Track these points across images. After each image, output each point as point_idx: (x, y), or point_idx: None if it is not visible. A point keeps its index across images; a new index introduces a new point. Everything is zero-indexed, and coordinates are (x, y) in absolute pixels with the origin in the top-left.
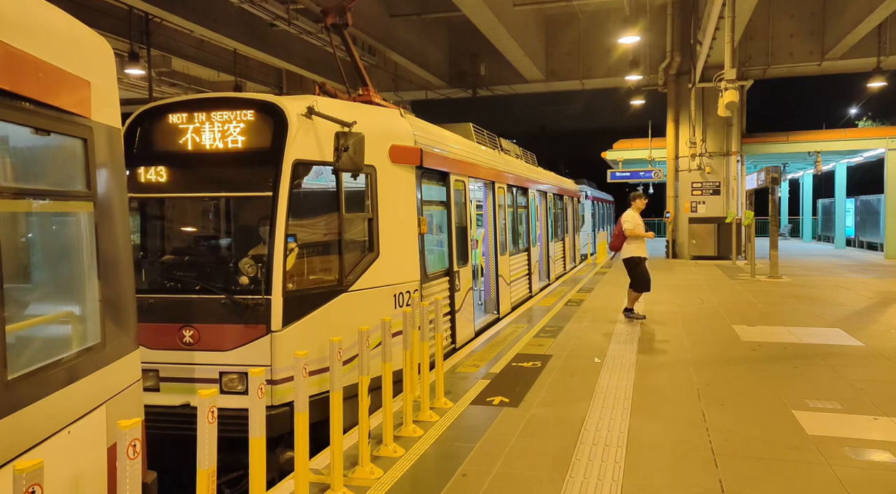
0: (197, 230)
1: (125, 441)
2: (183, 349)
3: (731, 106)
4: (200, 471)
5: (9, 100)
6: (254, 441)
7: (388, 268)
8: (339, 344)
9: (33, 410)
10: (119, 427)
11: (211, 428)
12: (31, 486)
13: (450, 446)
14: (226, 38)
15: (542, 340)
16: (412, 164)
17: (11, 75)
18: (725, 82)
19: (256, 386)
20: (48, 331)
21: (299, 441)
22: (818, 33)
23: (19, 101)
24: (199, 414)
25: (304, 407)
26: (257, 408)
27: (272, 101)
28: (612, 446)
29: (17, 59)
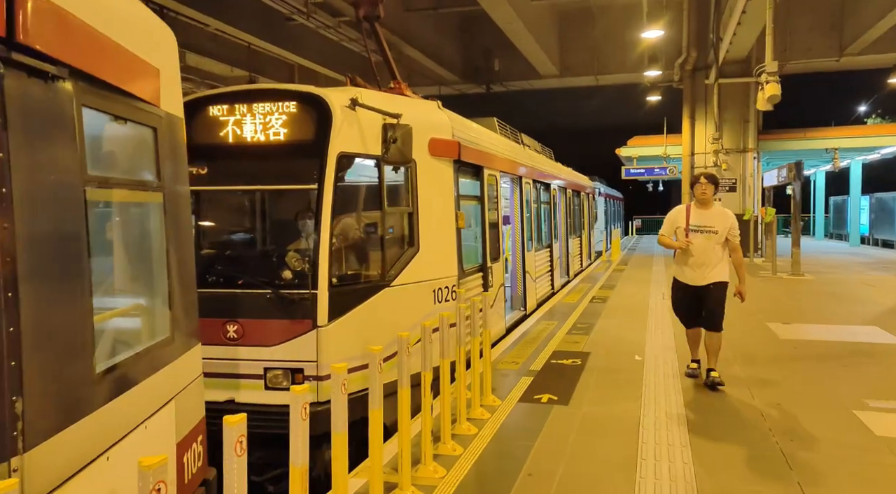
0: (239, 224)
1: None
2: (227, 344)
3: (772, 99)
4: (293, 469)
5: (92, 86)
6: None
7: (427, 263)
8: (406, 339)
9: (117, 404)
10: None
11: (304, 426)
12: (158, 483)
13: (508, 445)
14: (241, 33)
15: (577, 337)
16: (450, 158)
17: (95, 60)
18: (767, 75)
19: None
20: (125, 324)
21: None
22: (837, 28)
23: (102, 88)
24: (293, 412)
25: (378, 404)
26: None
27: (316, 93)
28: (675, 446)
29: (99, 43)
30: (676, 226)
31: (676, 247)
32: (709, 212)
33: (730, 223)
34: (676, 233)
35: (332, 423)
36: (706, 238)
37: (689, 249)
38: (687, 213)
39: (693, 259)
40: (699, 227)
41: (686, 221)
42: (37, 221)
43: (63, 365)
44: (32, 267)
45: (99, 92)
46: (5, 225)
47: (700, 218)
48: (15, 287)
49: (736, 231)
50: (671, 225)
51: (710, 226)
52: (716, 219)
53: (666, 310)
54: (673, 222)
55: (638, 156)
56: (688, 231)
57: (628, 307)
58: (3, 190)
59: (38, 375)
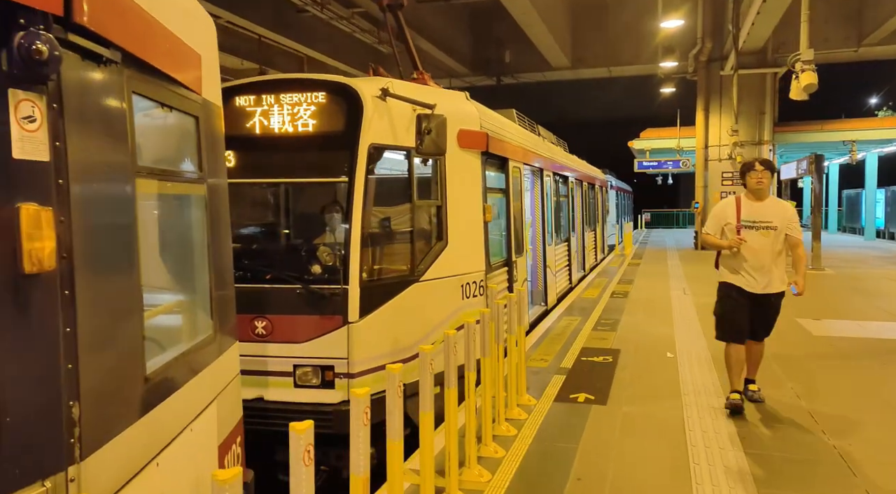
0: (267, 218)
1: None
2: (256, 340)
3: (808, 88)
4: (355, 478)
5: (142, 71)
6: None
7: (456, 258)
8: (453, 337)
9: (166, 406)
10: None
11: (365, 432)
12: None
13: (550, 446)
14: (253, 25)
15: (604, 334)
16: (479, 150)
17: (146, 43)
18: (802, 63)
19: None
20: (170, 322)
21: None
22: (854, 18)
23: (151, 73)
24: (353, 417)
25: (429, 406)
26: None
27: (346, 82)
28: (727, 449)
29: (150, 26)
30: (724, 222)
31: (726, 246)
32: (764, 204)
33: (789, 216)
34: (725, 230)
35: (387, 431)
36: (763, 235)
37: (742, 250)
38: (737, 207)
39: (749, 261)
40: (754, 223)
41: (737, 216)
42: (92, 215)
43: (117, 367)
44: (88, 263)
45: (147, 77)
46: (62, 219)
47: (754, 211)
48: (72, 284)
49: (796, 224)
50: (718, 221)
51: (768, 221)
52: (773, 212)
53: (690, 305)
54: (720, 218)
55: (651, 148)
56: (739, 227)
57: (650, 302)
58: (59, 181)
59: (94, 378)
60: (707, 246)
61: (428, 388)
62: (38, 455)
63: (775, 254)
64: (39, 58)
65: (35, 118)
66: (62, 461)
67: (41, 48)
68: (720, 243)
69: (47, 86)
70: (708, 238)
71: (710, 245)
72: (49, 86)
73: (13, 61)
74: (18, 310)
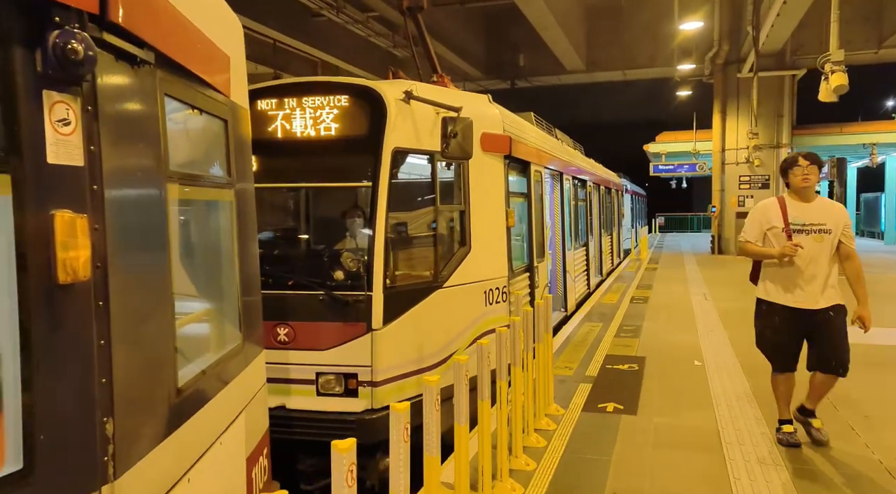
0: (289, 223)
1: None
2: (277, 348)
3: (839, 89)
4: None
5: (173, 73)
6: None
7: (479, 263)
8: (487, 347)
9: (197, 420)
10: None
11: (405, 449)
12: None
13: (582, 458)
14: (268, 29)
15: (627, 341)
16: (501, 153)
17: (178, 44)
18: (832, 64)
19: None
20: (200, 332)
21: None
22: (875, 20)
23: (182, 75)
24: (393, 431)
25: (464, 419)
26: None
27: (369, 85)
28: (768, 464)
29: (182, 26)
30: (767, 226)
31: (777, 256)
32: (813, 204)
33: (843, 218)
34: (770, 235)
35: (424, 444)
36: (816, 240)
37: (795, 258)
38: (782, 209)
39: (803, 273)
40: (805, 226)
41: (783, 219)
42: (126, 223)
43: (150, 380)
44: (122, 273)
45: (179, 79)
46: (96, 226)
47: (804, 213)
48: (106, 295)
49: (850, 230)
50: (759, 226)
51: (821, 224)
52: (826, 213)
53: (712, 311)
54: (761, 222)
55: (666, 152)
56: (789, 232)
57: (671, 307)
58: (94, 187)
59: (128, 392)
60: (748, 255)
61: (464, 400)
62: (71, 475)
63: (831, 263)
64: (75, 58)
65: (70, 121)
66: (96, 480)
67: (76, 47)
68: (768, 252)
69: (82, 88)
70: (749, 246)
71: (754, 254)
72: (83, 87)
73: (48, 61)
74: (52, 323)
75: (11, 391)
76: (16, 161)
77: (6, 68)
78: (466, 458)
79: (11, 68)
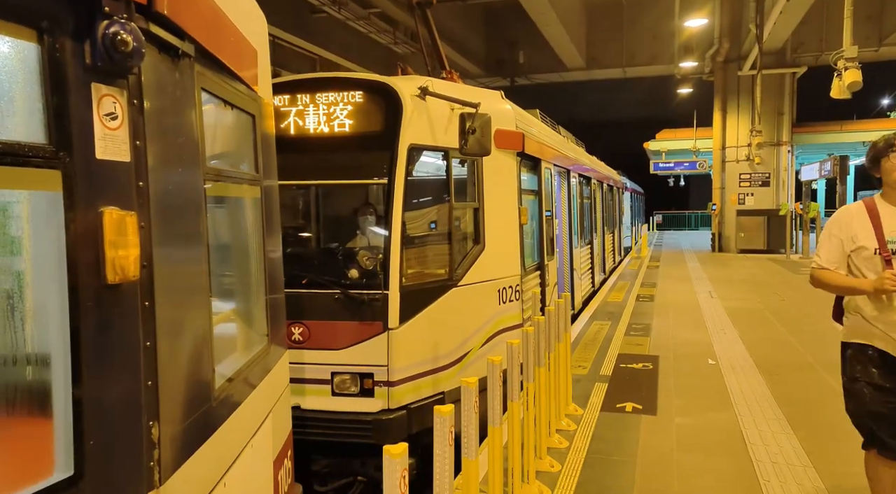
0: (303, 220)
1: None
2: (292, 347)
3: (852, 86)
4: None
5: (209, 66)
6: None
7: (493, 262)
8: (517, 347)
9: (232, 422)
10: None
11: (450, 453)
12: None
13: (606, 460)
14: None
15: (638, 339)
16: (515, 150)
17: (215, 37)
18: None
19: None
20: (231, 332)
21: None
22: (876, 18)
23: (217, 69)
24: (437, 435)
25: (498, 421)
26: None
27: (384, 81)
28: (796, 466)
29: (218, 19)
30: (853, 246)
31: (869, 291)
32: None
33: None
34: (857, 260)
35: (463, 447)
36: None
37: None
38: (873, 219)
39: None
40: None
41: (877, 235)
42: (170, 220)
43: (192, 383)
44: (167, 272)
45: (214, 73)
46: (142, 224)
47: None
48: (151, 295)
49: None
50: (839, 245)
51: None
52: None
53: (720, 309)
54: (843, 239)
55: (666, 150)
56: (888, 255)
57: (679, 305)
58: (140, 184)
59: (173, 395)
60: (824, 288)
61: (498, 401)
62: (119, 480)
63: None
64: (124, 49)
65: (117, 115)
66: (143, 486)
67: (126, 38)
68: (854, 285)
69: (128, 81)
70: (826, 275)
71: (834, 288)
72: (129, 80)
73: (97, 53)
74: (100, 324)
75: (62, 395)
76: (66, 156)
77: (56, 60)
78: (500, 460)
79: (61, 60)
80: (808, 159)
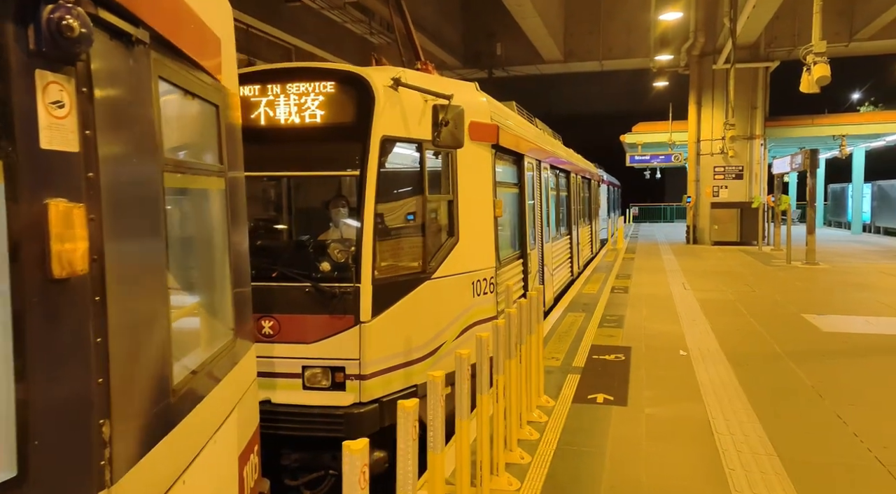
0: (274, 213)
1: None
2: (262, 341)
3: (821, 81)
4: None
5: (167, 54)
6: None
7: (467, 254)
8: (486, 340)
9: (192, 419)
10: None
11: (414, 447)
12: None
13: (577, 451)
14: (241, 14)
15: (611, 331)
16: (489, 143)
17: (173, 23)
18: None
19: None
20: (193, 327)
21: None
22: (846, 14)
23: (175, 57)
24: (401, 431)
25: (466, 415)
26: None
27: (357, 72)
28: (761, 454)
29: (176, 4)
30: None
31: None
32: None
33: None
34: None
35: (428, 441)
36: None
37: None
38: None
39: None
40: None
41: None
42: (122, 213)
43: (147, 379)
44: (119, 266)
45: (173, 61)
46: (92, 216)
47: None
48: (103, 290)
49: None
50: None
51: None
52: None
53: (693, 301)
54: None
55: (643, 142)
56: None
57: (652, 297)
58: (90, 174)
59: (125, 392)
60: None
61: (466, 394)
62: (67, 481)
63: None
64: (70, 34)
65: (64, 103)
66: (92, 486)
67: (72, 24)
68: None
69: (76, 68)
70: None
71: None
72: (78, 67)
73: (41, 38)
74: (46, 320)
75: (4, 393)
76: (7, 146)
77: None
78: (468, 454)
79: (2, 45)
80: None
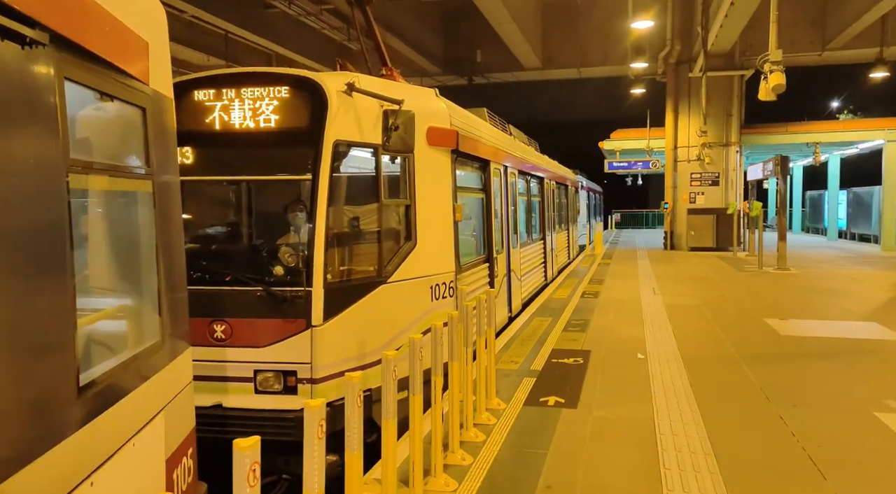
0: (226, 217)
1: None
2: (214, 345)
3: (777, 89)
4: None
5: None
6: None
7: (425, 258)
8: (419, 342)
9: (103, 421)
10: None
11: (320, 446)
12: None
13: (520, 453)
14: (219, 20)
15: (574, 335)
16: (448, 148)
17: (79, 25)
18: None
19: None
20: (110, 329)
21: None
22: (819, 23)
23: (86, 59)
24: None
25: (392, 415)
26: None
27: (309, 76)
28: (698, 454)
29: (84, 6)
30: None
31: None
32: None
33: None
34: None
35: (346, 441)
36: None
37: None
38: None
39: None
40: None
41: None
42: (14, 212)
43: (43, 379)
44: (8, 264)
45: (84, 63)
46: None
47: None
48: None
49: None
50: None
51: None
52: None
53: (660, 305)
54: None
55: (621, 149)
56: None
57: (621, 302)
58: None
59: (14, 392)
60: None
61: (391, 396)
62: None
63: None
64: None
65: None
66: None
67: None
68: None
69: None
70: None
71: None
72: None
73: None
74: None
75: None
76: None
77: None
78: (394, 455)
79: None
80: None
